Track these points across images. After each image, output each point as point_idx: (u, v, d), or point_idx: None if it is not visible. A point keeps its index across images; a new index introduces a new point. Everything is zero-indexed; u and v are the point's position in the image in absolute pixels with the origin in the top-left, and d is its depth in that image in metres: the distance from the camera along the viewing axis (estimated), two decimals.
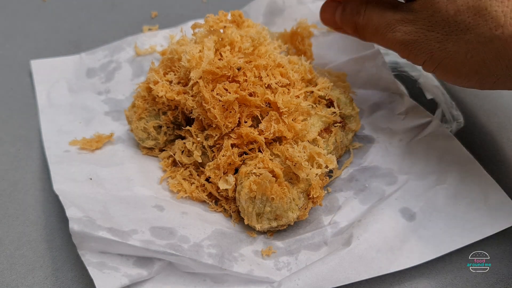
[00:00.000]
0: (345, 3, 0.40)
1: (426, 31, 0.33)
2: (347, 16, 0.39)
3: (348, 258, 0.33)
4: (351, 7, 0.39)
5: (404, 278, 0.35)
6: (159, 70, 0.40)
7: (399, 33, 0.34)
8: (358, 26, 0.38)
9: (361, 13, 0.38)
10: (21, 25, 0.58)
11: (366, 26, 0.37)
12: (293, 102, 0.36)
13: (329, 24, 0.42)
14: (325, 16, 0.42)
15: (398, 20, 0.34)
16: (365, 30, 0.38)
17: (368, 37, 0.38)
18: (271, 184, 0.34)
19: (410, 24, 0.34)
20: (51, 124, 0.44)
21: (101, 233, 0.32)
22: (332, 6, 0.41)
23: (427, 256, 0.34)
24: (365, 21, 0.37)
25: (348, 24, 0.39)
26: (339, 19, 0.40)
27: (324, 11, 0.42)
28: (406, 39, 0.34)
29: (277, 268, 0.35)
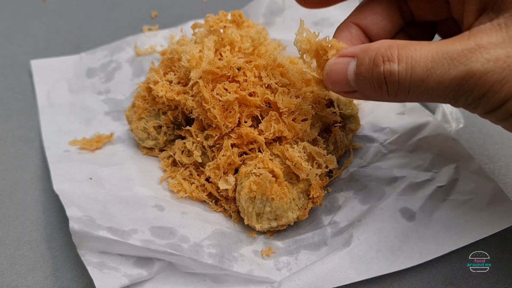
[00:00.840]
0: (361, 53, 0.29)
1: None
2: (367, 69, 0.28)
3: (348, 258, 0.33)
4: (370, 56, 0.28)
5: (404, 278, 0.35)
6: (159, 70, 0.40)
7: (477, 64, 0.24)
8: (389, 79, 0.27)
9: (394, 59, 0.27)
10: (21, 25, 0.58)
11: (409, 74, 0.26)
12: (293, 102, 0.36)
13: (339, 86, 0.31)
14: (333, 77, 0.30)
15: (473, 49, 0.25)
16: (405, 80, 0.27)
17: (413, 88, 0.27)
18: (271, 184, 0.34)
19: (497, 49, 0.24)
20: (51, 124, 0.44)
21: (101, 232, 0.32)
22: (342, 63, 0.30)
23: (427, 256, 0.34)
24: (405, 67, 0.26)
25: (370, 80, 0.28)
26: (353, 77, 0.29)
27: (331, 69, 0.30)
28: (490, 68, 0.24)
29: (277, 268, 0.35)
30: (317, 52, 0.31)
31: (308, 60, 0.32)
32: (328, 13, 0.52)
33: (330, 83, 0.31)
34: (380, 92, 0.28)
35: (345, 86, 0.30)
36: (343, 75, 0.30)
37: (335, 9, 0.53)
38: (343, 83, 0.30)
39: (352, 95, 0.31)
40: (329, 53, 0.31)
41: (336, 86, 0.31)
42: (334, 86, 0.31)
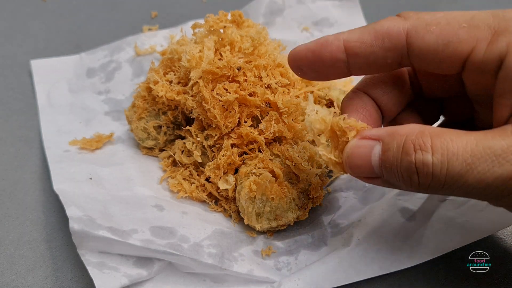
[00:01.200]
0: (387, 137, 0.26)
1: None
2: (394, 157, 0.25)
3: (348, 258, 0.33)
4: (398, 142, 0.25)
5: (404, 278, 0.35)
6: (159, 70, 0.40)
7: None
8: (422, 170, 0.24)
9: (427, 148, 0.24)
10: (21, 25, 0.58)
11: (445, 167, 0.24)
12: (293, 102, 0.36)
13: (360, 172, 0.27)
14: (355, 161, 0.27)
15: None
16: (441, 174, 0.24)
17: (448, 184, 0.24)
18: (271, 184, 0.34)
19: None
20: (51, 124, 0.44)
21: (101, 232, 0.32)
22: (365, 147, 0.27)
23: (427, 256, 0.34)
24: (440, 159, 0.24)
25: (398, 169, 0.25)
26: (377, 163, 0.26)
27: (352, 152, 0.27)
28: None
29: (277, 268, 0.35)
30: (333, 132, 0.28)
31: (324, 142, 0.28)
32: (328, 13, 0.52)
33: (351, 168, 0.28)
34: (409, 183, 0.26)
35: (368, 172, 0.27)
36: (366, 160, 0.27)
37: (335, 9, 0.53)
38: (366, 169, 0.27)
39: (374, 182, 0.28)
40: (348, 135, 0.27)
41: (358, 172, 0.28)
42: (355, 171, 0.28)
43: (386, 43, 0.27)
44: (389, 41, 0.27)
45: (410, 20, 0.27)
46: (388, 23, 0.27)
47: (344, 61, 0.28)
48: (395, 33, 0.27)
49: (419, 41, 0.26)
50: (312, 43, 0.29)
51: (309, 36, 0.51)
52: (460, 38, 0.25)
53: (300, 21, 0.52)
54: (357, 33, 0.28)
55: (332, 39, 0.28)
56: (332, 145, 0.29)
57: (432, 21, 0.26)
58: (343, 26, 0.52)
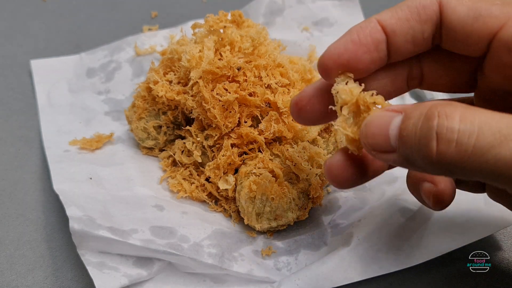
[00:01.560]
0: (410, 108, 0.23)
1: None
2: (414, 124, 0.22)
3: (348, 258, 0.33)
4: (421, 110, 0.22)
5: (404, 278, 0.35)
6: (159, 70, 0.40)
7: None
8: (444, 135, 0.21)
9: (453, 116, 0.21)
10: (21, 25, 0.58)
11: (473, 136, 0.20)
12: None
13: (375, 143, 0.24)
14: (371, 130, 0.24)
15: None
16: (468, 142, 0.20)
17: (473, 156, 0.20)
18: (271, 184, 0.34)
19: None
20: (51, 124, 0.44)
21: (101, 232, 0.32)
22: (385, 116, 0.24)
23: (427, 256, 0.34)
24: (470, 127, 0.20)
25: (416, 135, 0.22)
26: (395, 132, 0.23)
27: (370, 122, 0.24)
28: None
29: (277, 268, 0.35)
30: (357, 106, 0.26)
31: (345, 114, 0.26)
32: (328, 13, 0.52)
33: (366, 136, 0.24)
34: (425, 153, 0.22)
35: (383, 142, 0.24)
36: (383, 129, 0.24)
37: (335, 9, 0.53)
38: (382, 138, 0.24)
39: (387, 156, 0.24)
40: (372, 112, 0.25)
41: (372, 140, 0.24)
42: (370, 139, 0.24)
43: (422, 16, 0.26)
44: (424, 13, 0.26)
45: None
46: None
47: (384, 41, 0.26)
48: (429, 4, 0.26)
49: (451, 12, 0.25)
50: (343, 38, 0.27)
51: (309, 36, 0.51)
52: (491, 13, 0.24)
53: (300, 21, 0.52)
54: (389, 12, 0.27)
55: (363, 24, 0.27)
56: (353, 121, 0.26)
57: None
58: (343, 26, 0.52)
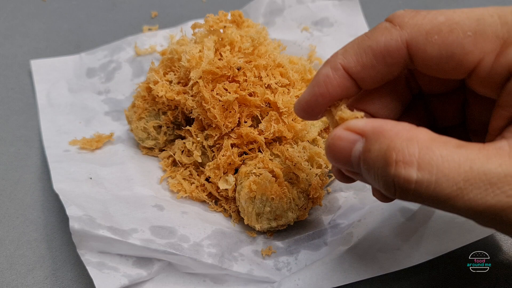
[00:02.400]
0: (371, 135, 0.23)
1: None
2: (373, 162, 0.23)
3: (348, 258, 0.33)
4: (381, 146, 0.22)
5: (404, 278, 0.35)
6: (159, 70, 0.40)
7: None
8: (401, 185, 0.22)
9: (412, 163, 0.21)
10: (21, 25, 0.57)
11: (431, 185, 0.21)
12: (293, 102, 0.36)
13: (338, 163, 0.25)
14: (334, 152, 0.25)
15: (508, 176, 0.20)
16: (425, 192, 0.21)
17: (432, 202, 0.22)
18: (271, 184, 0.34)
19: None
20: (51, 124, 0.44)
21: (101, 231, 0.32)
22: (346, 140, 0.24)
23: (427, 256, 0.34)
24: (428, 178, 0.21)
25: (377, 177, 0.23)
26: (356, 162, 0.24)
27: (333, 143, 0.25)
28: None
29: (277, 268, 0.35)
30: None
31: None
32: (328, 13, 0.52)
33: (330, 158, 0.25)
34: (386, 191, 0.23)
35: (347, 167, 0.25)
36: (345, 155, 0.24)
37: (335, 8, 0.53)
38: (345, 163, 0.25)
39: (349, 174, 0.26)
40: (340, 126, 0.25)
41: (335, 162, 0.25)
42: (333, 160, 0.25)
43: (388, 61, 0.25)
44: (390, 58, 0.25)
45: (406, 29, 0.24)
46: (384, 38, 0.25)
47: (354, 85, 0.26)
48: (394, 48, 0.25)
49: (421, 53, 0.24)
50: (312, 86, 0.27)
51: (309, 36, 0.51)
52: (465, 50, 0.23)
53: (300, 21, 0.52)
54: (352, 55, 0.26)
55: (330, 71, 0.26)
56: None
57: (433, 29, 0.24)
58: (343, 25, 0.52)
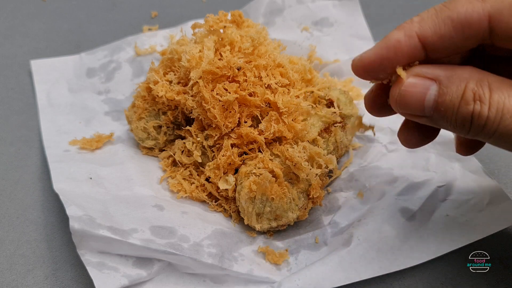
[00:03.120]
0: (445, 82, 0.25)
1: None
2: (451, 103, 0.25)
3: (348, 258, 0.33)
4: (458, 88, 0.25)
5: (404, 278, 0.35)
6: (159, 70, 0.40)
7: None
8: (476, 121, 0.25)
9: (485, 101, 0.24)
10: (21, 25, 0.58)
11: (498, 121, 0.24)
12: (293, 102, 0.36)
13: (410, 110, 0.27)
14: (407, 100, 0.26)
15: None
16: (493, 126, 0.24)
17: (498, 137, 0.25)
18: (271, 184, 0.34)
19: None
20: (51, 123, 0.44)
21: (102, 231, 0.32)
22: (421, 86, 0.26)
23: (427, 256, 0.34)
24: (495, 114, 0.24)
25: (452, 116, 0.25)
26: (431, 105, 0.26)
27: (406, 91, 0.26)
28: None
29: (277, 268, 0.35)
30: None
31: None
32: (328, 13, 0.52)
33: (400, 106, 0.27)
34: (459, 128, 0.26)
35: (418, 112, 0.26)
36: (419, 100, 0.26)
37: (335, 8, 0.53)
38: (417, 109, 0.26)
39: (419, 119, 0.27)
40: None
41: (407, 110, 0.27)
42: (404, 109, 0.27)
43: (466, 33, 0.25)
44: (469, 30, 0.25)
45: (489, 1, 0.25)
46: (465, 9, 0.25)
47: (420, 55, 0.27)
48: (476, 20, 0.25)
49: (505, 25, 0.24)
50: (380, 48, 0.27)
51: (309, 36, 0.51)
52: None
53: (300, 21, 0.52)
54: (430, 24, 0.26)
55: (403, 37, 0.26)
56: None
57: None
58: (343, 25, 0.52)
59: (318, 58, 0.49)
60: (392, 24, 0.55)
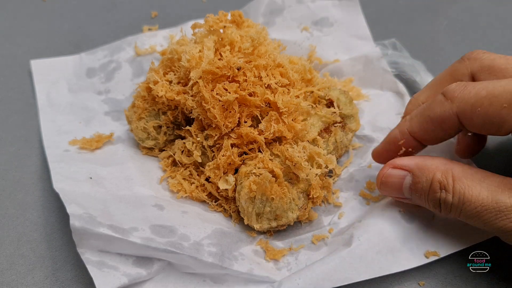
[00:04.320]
0: (416, 173, 0.32)
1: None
2: (422, 190, 0.32)
3: (349, 259, 0.33)
4: (427, 178, 0.32)
5: (404, 278, 0.35)
6: (159, 70, 0.40)
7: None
8: (444, 205, 0.31)
9: (449, 190, 0.31)
10: (21, 25, 0.58)
11: (460, 207, 0.30)
12: (293, 102, 0.36)
13: (391, 194, 0.35)
14: (388, 187, 0.34)
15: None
16: (457, 211, 0.31)
17: (462, 218, 0.31)
18: (271, 184, 0.34)
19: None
20: (51, 123, 0.44)
21: (102, 229, 0.32)
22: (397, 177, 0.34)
23: (427, 258, 0.34)
24: (458, 201, 0.30)
25: (425, 200, 0.32)
26: (408, 191, 0.33)
27: (386, 180, 0.34)
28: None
29: (277, 268, 0.35)
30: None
31: None
32: (328, 13, 0.52)
33: (383, 190, 0.35)
34: (433, 208, 0.32)
35: (398, 195, 0.34)
36: (397, 187, 0.34)
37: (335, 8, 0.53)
38: (396, 193, 0.34)
39: (401, 200, 0.35)
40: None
41: (389, 194, 0.35)
42: (386, 193, 0.35)
43: (443, 127, 0.33)
44: (445, 125, 0.32)
45: (456, 102, 0.31)
46: (439, 109, 0.32)
47: (416, 144, 0.35)
48: (448, 117, 0.32)
49: (469, 122, 0.31)
50: (384, 143, 0.37)
51: (309, 36, 0.51)
52: (503, 118, 0.29)
53: (299, 21, 0.52)
54: (416, 123, 0.34)
55: (398, 134, 0.35)
56: None
57: (476, 103, 0.30)
58: (342, 25, 0.52)
59: (318, 58, 0.49)
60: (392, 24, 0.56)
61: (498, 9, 0.58)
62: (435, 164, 0.32)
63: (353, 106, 0.41)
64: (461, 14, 0.58)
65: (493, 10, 0.58)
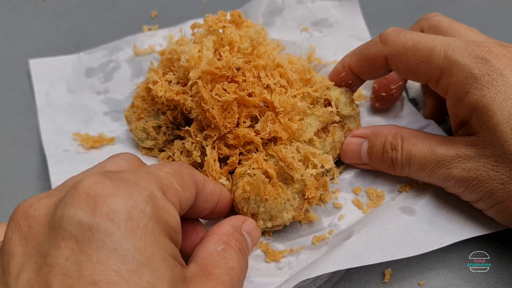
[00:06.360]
0: (371, 138, 0.37)
1: (489, 170, 0.31)
2: (377, 153, 0.36)
3: (351, 247, 0.33)
4: (380, 142, 0.36)
5: (404, 277, 0.35)
6: (158, 70, 0.40)
7: (456, 170, 0.32)
8: (395, 162, 0.35)
9: (398, 149, 0.35)
10: (21, 25, 0.58)
11: (408, 162, 0.35)
12: (289, 102, 0.36)
13: (353, 161, 0.39)
14: (348, 154, 0.38)
15: (454, 157, 0.32)
16: (406, 166, 0.35)
17: (411, 173, 0.35)
18: (264, 184, 0.34)
19: (470, 161, 0.32)
20: (50, 124, 0.44)
21: None
22: (355, 143, 0.38)
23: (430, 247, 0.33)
24: (406, 157, 0.35)
25: (380, 161, 0.36)
26: (365, 156, 0.37)
27: (346, 148, 0.38)
28: (464, 176, 0.32)
29: (278, 268, 0.35)
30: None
31: None
32: (328, 13, 0.52)
33: (345, 158, 0.39)
34: (389, 169, 0.37)
35: (359, 161, 0.38)
36: (356, 153, 0.38)
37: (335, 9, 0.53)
38: (357, 159, 0.38)
39: (362, 166, 0.39)
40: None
41: (350, 161, 0.39)
42: (348, 160, 0.39)
43: (375, 65, 0.37)
44: (377, 64, 0.37)
45: (387, 46, 0.35)
46: (373, 49, 0.37)
47: (355, 77, 0.40)
48: (379, 59, 0.36)
49: (395, 66, 0.36)
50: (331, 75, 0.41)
51: (308, 37, 0.51)
52: (420, 70, 0.34)
53: (299, 21, 0.52)
54: (355, 59, 0.39)
55: (341, 67, 0.40)
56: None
57: (402, 51, 0.34)
58: (342, 26, 0.52)
59: (318, 59, 0.49)
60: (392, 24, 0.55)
61: (498, 9, 0.58)
62: (387, 129, 0.36)
63: (354, 107, 0.41)
64: (461, 14, 0.58)
65: (493, 10, 0.58)
